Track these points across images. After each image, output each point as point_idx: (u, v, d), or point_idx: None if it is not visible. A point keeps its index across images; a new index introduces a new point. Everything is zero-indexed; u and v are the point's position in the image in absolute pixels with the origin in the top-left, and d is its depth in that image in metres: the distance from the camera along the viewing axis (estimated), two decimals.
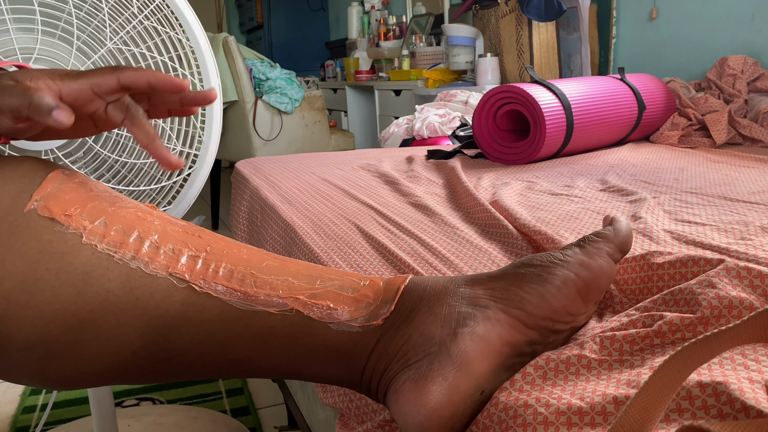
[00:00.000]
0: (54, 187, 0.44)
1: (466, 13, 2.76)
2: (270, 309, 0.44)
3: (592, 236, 0.49)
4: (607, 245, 0.48)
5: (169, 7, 0.86)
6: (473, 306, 0.44)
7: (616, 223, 0.51)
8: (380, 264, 0.70)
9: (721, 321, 0.43)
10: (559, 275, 0.45)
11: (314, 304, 0.44)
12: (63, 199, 0.43)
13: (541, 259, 0.47)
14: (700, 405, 0.34)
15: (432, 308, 0.44)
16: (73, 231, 0.42)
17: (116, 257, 0.43)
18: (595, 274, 0.46)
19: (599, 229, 0.51)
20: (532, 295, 0.44)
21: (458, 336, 0.42)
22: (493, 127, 1.29)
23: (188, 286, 0.43)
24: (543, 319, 0.44)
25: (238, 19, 6.06)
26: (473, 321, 0.43)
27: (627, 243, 0.50)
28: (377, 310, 0.45)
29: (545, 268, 0.45)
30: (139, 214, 0.46)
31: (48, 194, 0.43)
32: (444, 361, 0.41)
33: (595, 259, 0.47)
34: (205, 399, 1.47)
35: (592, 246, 0.48)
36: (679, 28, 1.91)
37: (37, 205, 0.43)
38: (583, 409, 0.36)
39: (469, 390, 0.41)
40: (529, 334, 0.43)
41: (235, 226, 1.23)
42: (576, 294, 0.45)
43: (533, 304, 0.43)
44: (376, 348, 0.44)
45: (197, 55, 0.89)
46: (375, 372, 0.44)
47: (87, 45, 0.85)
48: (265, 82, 2.84)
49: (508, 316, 0.43)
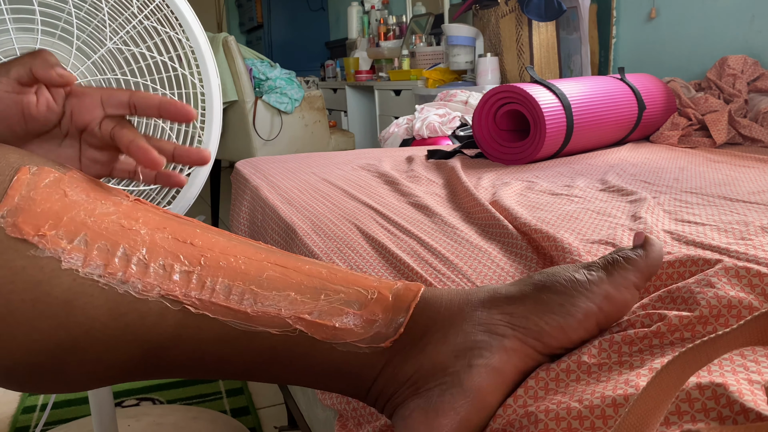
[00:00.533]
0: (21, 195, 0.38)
1: (466, 13, 2.76)
2: (271, 330, 0.41)
3: (621, 261, 0.45)
4: (635, 275, 0.44)
5: (169, 7, 0.86)
6: (489, 334, 0.42)
7: (649, 247, 0.46)
8: (380, 264, 0.70)
9: (720, 320, 0.43)
10: (582, 308, 0.42)
11: (319, 325, 0.42)
12: (34, 213, 0.37)
13: (564, 284, 0.43)
14: (700, 408, 0.34)
15: (446, 335, 0.42)
16: (50, 254, 0.37)
17: (101, 282, 0.38)
18: (617, 308, 0.44)
19: (628, 250, 0.46)
20: (553, 328, 0.42)
21: (473, 368, 0.40)
22: (493, 127, 1.29)
23: (182, 308, 0.40)
24: (558, 349, 0.43)
25: (238, 19, 6.06)
26: (489, 352, 0.41)
27: (655, 269, 0.45)
28: (386, 330, 0.42)
29: (568, 297, 0.43)
30: (122, 222, 0.41)
31: (16, 207, 0.37)
32: (456, 393, 0.39)
33: (621, 291, 0.44)
34: (205, 399, 1.47)
35: (620, 275, 0.44)
36: (679, 28, 1.91)
37: (4, 222, 0.37)
38: (582, 413, 0.36)
39: (480, 423, 0.40)
40: (541, 360, 0.42)
41: (236, 226, 1.23)
42: (595, 326, 0.43)
43: (552, 337, 0.42)
44: (384, 371, 0.42)
45: (197, 55, 0.89)
46: (382, 395, 0.43)
47: (87, 45, 0.85)
48: (265, 82, 2.84)
49: (525, 346, 0.42)
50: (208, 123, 0.91)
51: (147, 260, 0.40)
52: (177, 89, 0.90)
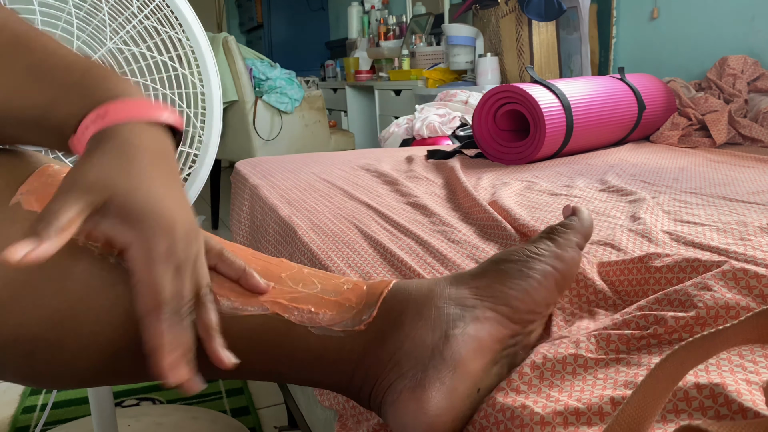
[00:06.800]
0: (41, 182, 0.42)
1: (466, 13, 2.76)
2: (249, 312, 0.43)
3: (559, 227, 0.51)
4: (575, 236, 0.51)
5: (169, 7, 0.86)
6: (461, 307, 0.44)
7: (579, 213, 0.54)
8: (379, 264, 0.70)
9: (719, 322, 0.43)
10: (538, 269, 0.47)
11: (294, 308, 0.44)
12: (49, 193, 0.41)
13: (517, 254, 0.48)
14: (698, 406, 0.34)
15: (420, 312, 0.44)
16: None
17: (96, 252, 0.41)
18: (569, 266, 0.49)
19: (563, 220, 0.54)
20: (517, 291, 0.45)
21: (450, 339, 0.42)
22: (493, 127, 1.29)
23: None
24: (526, 313, 0.45)
25: (238, 19, 6.05)
26: (463, 322, 0.43)
27: (590, 231, 0.53)
28: (360, 314, 0.44)
29: (524, 263, 0.47)
30: None
31: (34, 188, 0.42)
32: (439, 365, 0.41)
33: (567, 250, 0.49)
34: (205, 399, 1.47)
35: (563, 238, 0.50)
36: (679, 28, 1.91)
37: (22, 198, 0.41)
38: (579, 410, 0.36)
39: (466, 390, 0.41)
40: (514, 328, 0.45)
41: (236, 226, 1.23)
42: (554, 285, 0.47)
43: (518, 300, 0.45)
44: (365, 355, 0.44)
45: (197, 54, 0.89)
46: (367, 380, 0.44)
47: (87, 45, 0.85)
48: (265, 82, 2.84)
49: (496, 314, 0.44)
50: (208, 123, 0.91)
51: None
52: (177, 89, 0.90)
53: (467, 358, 0.41)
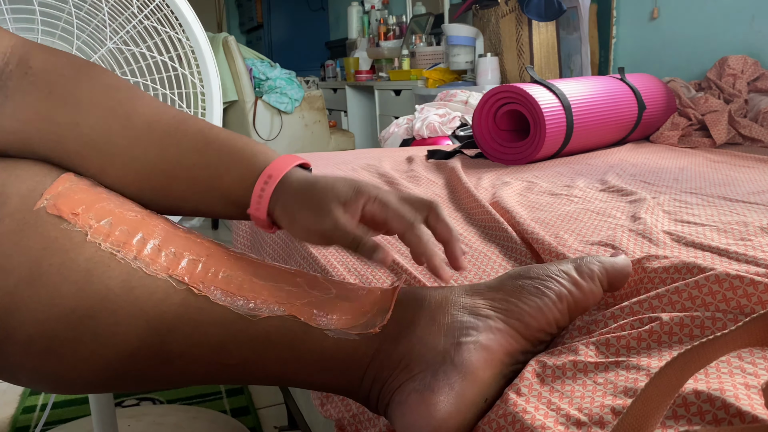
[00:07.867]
0: (65, 187, 0.45)
1: (466, 13, 2.76)
2: (267, 314, 0.44)
3: (588, 258, 0.51)
4: (599, 269, 0.50)
5: (169, 7, 0.86)
6: (475, 316, 0.45)
7: (616, 257, 0.53)
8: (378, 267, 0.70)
9: (717, 324, 0.43)
10: (555, 290, 0.47)
11: (311, 311, 0.45)
12: (72, 198, 0.44)
13: (537, 272, 0.48)
14: (696, 411, 0.34)
15: (434, 317, 0.45)
16: (78, 229, 0.43)
17: (119, 256, 0.43)
18: (585, 295, 0.48)
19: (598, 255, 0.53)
20: (531, 308, 0.45)
21: (462, 346, 0.42)
22: (493, 127, 1.29)
23: (187, 288, 0.44)
24: (538, 330, 0.45)
25: (238, 19, 6.05)
26: (476, 331, 0.43)
27: (618, 280, 0.51)
28: (374, 318, 0.45)
29: (542, 281, 0.47)
30: (145, 218, 0.46)
31: (58, 193, 0.44)
32: (449, 371, 0.41)
33: (587, 281, 0.49)
34: (205, 399, 1.47)
35: (587, 268, 0.50)
36: (679, 28, 1.91)
37: (47, 203, 0.43)
38: (581, 420, 0.36)
39: (474, 398, 0.41)
40: (524, 344, 0.45)
41: (236, 226, 1.23)
42: (567, 309, 0.47)
43: (531, 316, 0.45)
44: (376, 357, 0.44)
45: (197, 54, 0.89)
46: (376, 381, 0.44)
47: (87, 45, 0.85)
48: (265, 81, 2.83)
49: (508, 327, 0.44)
50: None
51: (160, 246, 0.45)
52: (177, 89, 0.90)
53: (477, 366, 0.42)
